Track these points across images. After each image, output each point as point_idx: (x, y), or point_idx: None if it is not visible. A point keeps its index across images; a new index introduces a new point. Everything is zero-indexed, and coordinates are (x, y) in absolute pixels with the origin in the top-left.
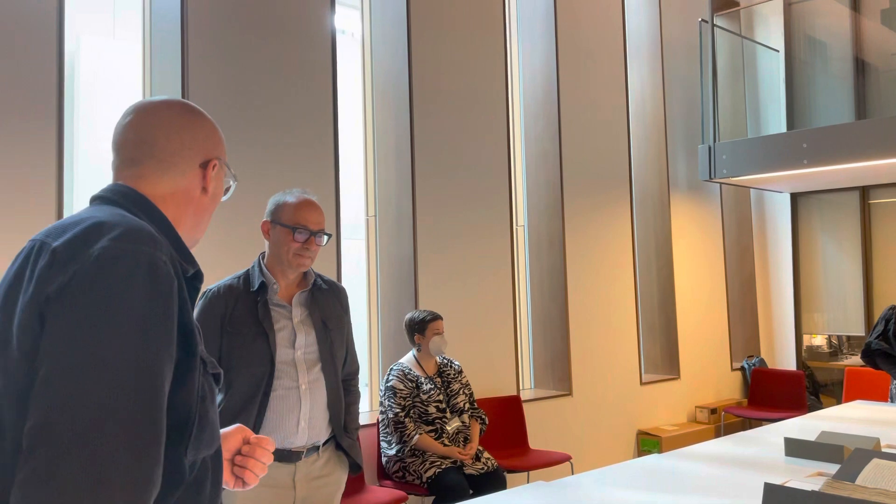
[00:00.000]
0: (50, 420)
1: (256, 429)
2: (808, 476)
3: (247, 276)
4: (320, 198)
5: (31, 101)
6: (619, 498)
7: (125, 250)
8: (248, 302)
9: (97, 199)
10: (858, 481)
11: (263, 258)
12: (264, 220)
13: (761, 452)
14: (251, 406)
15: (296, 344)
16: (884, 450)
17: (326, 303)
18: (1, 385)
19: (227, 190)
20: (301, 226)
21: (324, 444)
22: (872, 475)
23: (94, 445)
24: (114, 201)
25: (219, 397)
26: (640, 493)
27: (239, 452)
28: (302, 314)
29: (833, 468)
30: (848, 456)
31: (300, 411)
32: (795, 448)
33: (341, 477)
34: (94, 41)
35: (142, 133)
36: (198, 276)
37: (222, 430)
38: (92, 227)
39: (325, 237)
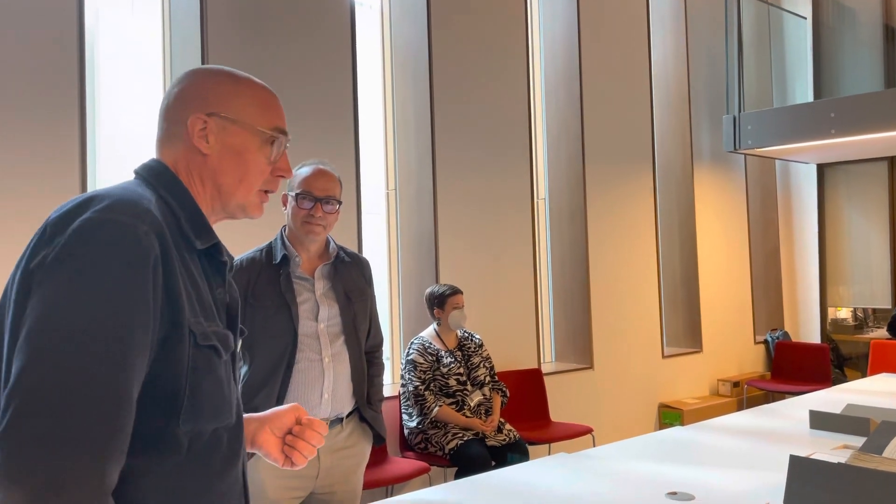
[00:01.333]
0: (20, 380)
1: (280, 401)
2: (833, 449)
3: (269, 249)
4: (340, 172)
5: (52, 78)
6: (640, 469)
7: (105, 220)
8: (270, 275)
9: (134, 174)
10: (885, 454)
11: (286, 231)
12: (284, 193)
13: (785, 425)
14: (274, 378)
15: (319, 317)
16: None
17: (349, 275)
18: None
19: (273, 142)
20: (305, 191)
21: (347, 416)
22: None
23: (58, 406)
24: (139, 175)
25: (243, 369)
26: (661, 464)
27: (291, 432)
28: (324, 287)
29: (859, 441)
30: (874, 428)
31: (323, 384)
32: (820, 421)
33: (365, 448)
34: (112, 16)
35: (165, 101)
36: (217, 250)
37: (277, 408)
38: (83, 201)
39: (336, 204)
